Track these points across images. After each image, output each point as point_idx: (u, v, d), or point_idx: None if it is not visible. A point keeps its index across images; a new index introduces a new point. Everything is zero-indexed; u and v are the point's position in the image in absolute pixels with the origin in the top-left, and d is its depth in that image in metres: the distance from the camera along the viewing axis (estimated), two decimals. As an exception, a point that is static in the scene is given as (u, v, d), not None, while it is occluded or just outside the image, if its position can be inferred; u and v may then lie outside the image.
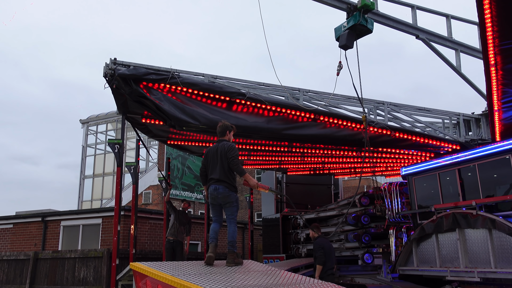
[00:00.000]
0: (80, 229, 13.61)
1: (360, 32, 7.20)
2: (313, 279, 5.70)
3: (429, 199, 7.94)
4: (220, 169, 6.32)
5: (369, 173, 11.03)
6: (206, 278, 5.35)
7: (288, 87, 9.16)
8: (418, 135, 9.76)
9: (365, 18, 7.07)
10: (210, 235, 6.59)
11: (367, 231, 9.56)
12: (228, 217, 6.55)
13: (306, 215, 11.91)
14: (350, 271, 10.49)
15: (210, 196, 6.47)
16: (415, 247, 7.62)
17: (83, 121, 31.62)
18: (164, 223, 11.90)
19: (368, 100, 9.95)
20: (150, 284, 5.93)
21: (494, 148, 6.80)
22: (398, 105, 10.41)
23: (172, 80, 7.88)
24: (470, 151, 7.28)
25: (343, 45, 7.22)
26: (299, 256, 11.86)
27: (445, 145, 9.98)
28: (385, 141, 9.55)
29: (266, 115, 8.70)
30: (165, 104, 7.87)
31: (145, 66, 8.07)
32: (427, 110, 10.77)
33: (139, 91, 7.84)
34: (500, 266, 6.13)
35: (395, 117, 10.27)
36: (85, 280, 11.04)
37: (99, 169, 30.55)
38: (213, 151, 6.47)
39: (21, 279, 12.23)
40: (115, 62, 7.92)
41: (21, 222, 14.87)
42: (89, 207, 28.68)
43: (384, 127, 9.32)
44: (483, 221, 6.36)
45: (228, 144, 6.45)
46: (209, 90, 8.18)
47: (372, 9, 7.16)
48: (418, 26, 8.49)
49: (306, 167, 13.14)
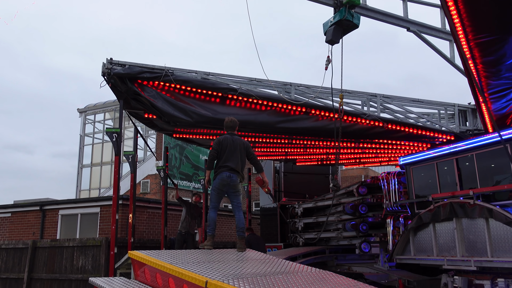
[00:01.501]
0: (78, 218, 13.63)
1: (347, 27, 7.24)
2: (311, 268, 5.73)
3: (427, 189, 7.97)
4: (237, 160, 6.75)
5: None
6: (204, 266, 5.37)
7: (280, 82, 9.37)
8: (411, 126, 9.91)
9: (351, 13, 7.10)
10: (210, 226, 6.92)
11: (365, 220, 9.60)
12: (237, 205, 6.95)
13: (304, 204, 11.95)
14: (347, 260, 10.57)
15: (221, 182, 6.74)
16: (412, 236, 7.66)
17: (80, 110, 31.50)
18: (162, 212, 11.94)
19: (360, 93, 10.08)
20: (148, 273, 5.96)
21: (492, 138, 6.81)
22: (391, 97, 10.44)
23: (166, 77, 8.25)
24: (468, 141, 7.28)
25: (329, 40, 7.32)
26: (297, 245, 11.92)
27: (439, 135, 10.05)
28: (378, 133, 9.73)
29: (258, 109, 8.97)
30: (158, 101, 8.26)
31: (140, 65, 8.38)
32: (421, 101, 10.78)
33: (133, 89, 8.21)
34: (497, 255, 6.17)
35: (387, 109, 10.31)
36: (84, 268, 11.09)
37: (97, 158, 30.51)
38: (229, 141, 6.82)
39: (19, 268, 12.27)
40: (111, 61, 8.21)
41: (19, 211, 14.88)
42: (87, 196, 28.71)
43: (376, 119, 9.47)
44: (480, 210, 6.39)
45: (246, 141, 7.06)
46: (201, 87, 8.56)
47: (357, 4, 7.19)
48: (409, 19, 8.46)
49: (313, 158, 13.24)
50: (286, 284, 4.67)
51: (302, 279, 5.02)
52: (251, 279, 4.76)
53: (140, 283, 6.08)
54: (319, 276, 5.19)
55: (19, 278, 12.11)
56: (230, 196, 6.93)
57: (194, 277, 4.81)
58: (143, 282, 6.07)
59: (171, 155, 25.50)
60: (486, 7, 5.64)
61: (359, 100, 10.13)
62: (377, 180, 9.41)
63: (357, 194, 9.79)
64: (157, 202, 13.76)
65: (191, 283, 4.87)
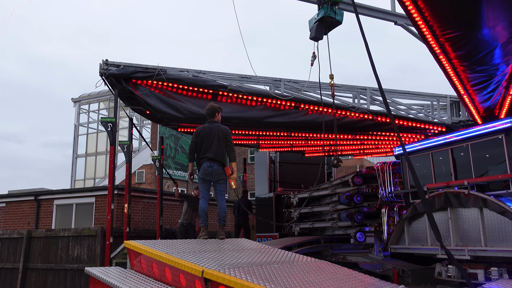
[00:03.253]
0: (74, 208, 13.62)
1: (330, 24, 7.27)
2: (307, 257, 5.76)
3: (422, 179, 7.98)
4: (216, 149, 6.85)
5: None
6: (200, 256, 5.38)
7: (270, 78, 9.68)
8: (401, 118, 10.04)
9: (334, 10, 7.10)
10: (202, 217, 7.05)
11: (360, 210, 9.64)
12: (220, 193, 7.08)
13: (300, 194, 11.98)
14: (342, 250, 10.63)
15: (203, 172, 6.88)
16: (407, 226, 7.70)
17: (75, 99, 31.30)
18: (158, 202, 11.96)
19: (350, 87, 10.25)
20: (144, 262, 5.96)
21: (487, 128, 6.82)
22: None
23: (158, 76, 8.62)
24: (463, 131, 7.30)
25: (313, 37, 7.37)
26: (292, 234, 11.97)
27: (431, 127, 10.14)
28: (368, 125, 9.92)
29: (248, 105, 9.28)
30: (151, 99, 8.70)
31: (134, 65, 8.80)
32: (412, 93, 10.82)
33: (128, 88, 8.70)
34: (490, 244, 6.21)
35: (376, 101, 10.42)
36: (79, 258, 11.10)
37: (92, 148, 30.41)
38: (207, 130, 6.94)
39: (14, 258, 12.26)
40: (107, 63, 8.69)
41: (14, 201, 14.84)
42: (82, 186, 28.64)
43: (365, 111, 9.67)
44: (474, 200, 6.42)
45: (224, 127, 7.04)
46: (193, 84, 8.87)
47: (339, 1, 7.18)
48: (396, 12, 8.43)
49: (319, 149, 13.41)
50: (282, 273, 4.68)
51: (298, 268, 5.04)
52: (247, 268, 4.77)
53: (136, 273, 6.09)
54: (314, 265, 5.21)
55: (15, 268, 12.11)
56: (213, 184, 7.05)
57: (190, 266, 4.82)
58: (139, 272, 6.08)
59: (166, 145, 25.45)
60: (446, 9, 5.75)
61: (350, 93, 10.29)
62: (372, 170, 9.45)
63: (352, 184, 9.82)
64: (152, 192, 13.77)
65: (187, 273, 4.88)
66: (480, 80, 7.29)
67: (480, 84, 7.44)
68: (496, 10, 5.47)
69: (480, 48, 6.32)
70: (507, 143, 6.49)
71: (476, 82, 7.37)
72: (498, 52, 6.35)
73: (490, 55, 6.44)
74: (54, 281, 11.37)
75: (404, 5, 5.67)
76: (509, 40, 6.05)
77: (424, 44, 6.50)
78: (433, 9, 5.70)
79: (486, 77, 7.19)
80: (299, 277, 4.63)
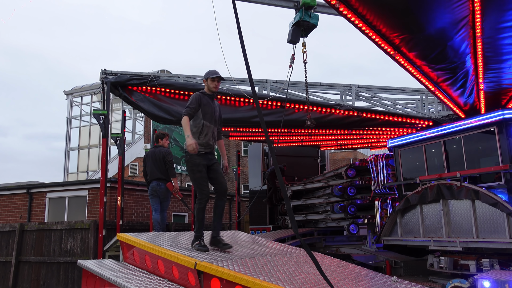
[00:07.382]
0: (66, 201, 13.54)
1: (307, 27, 7.32)
2: (300, 249, 5.78)
3: (415, 171, 8.02)
4: (161, 170, 8.61)
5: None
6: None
7: (257, 79, 10.08)
8: (386, 114, 10.18)
9: (308, 14, 7.14)
10: (155, 226, 8.65)
11: (353, 203, 9.67)
12: (164, 208, 8.85)
13: (293, 186, 12.00)
14: (335, 242, 10.68)
15: (152, 189, 8.60)
16: (399, 218, 7.74)
17: (67, 92, 31.06)
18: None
19: (337, 86, 10.40)
20: (137, 255, 5.95)
21: (480, 120, 6.85)
22: (366, 86, 10.59)
23: (151, 83, 9.35)
24: (456, 123, 7.32)
25: (290, 40, 7.42)
26: (286, 227, 12.01)
27: (417, 121, 10.23)
28: (354, 122, 10.13)
29: (236, 106, 9.84)
30: (145, 104, 9.51)
31: (129, 73, 9.60)
32: (398, 89, 10.87)
33: (123, 94, 9.55)
34: (482, 235, 6.26)
35: (361, 97, 10.52)
36: (72, 251, 11.05)
37: (85, 141, 30.24)
38: (152, 155, 8.73)
39: (7, 251, 12.19)
40: (105, 72, 9.54)
41: (6, 194, 14.73)
42: (75, 179, 28.51)
43: (350, 108, 9.89)
44: (466, 192, 6.45)
45: (165, 150, 8.78)
46: (183, 89, 9.53)
47: (313, 6, 7.20)
48: None
49: (333, 143, 13.88)
50: (275, 265, 4.69)
51: (291, 260, 5.05)
52: (240, 260, 4.78)
53: (129, 265, 6.08)
54: (307, 257, 5.23)
55: (7, 261, 12.04)
56: (161, 200, 8.74)
57: (183, 258, 4.81)
58: (132, 264, 6.07)
59: (159, 138, 25.34)
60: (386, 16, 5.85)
61: (338, 91, 10.43)
62: (366, 162, 9.46)
63: (345, 177, 9.85)
64: (145, 185, 13.69)
65: (180, 265, 4.87)
66: (447, 76, 7.42)
67: (448, 80, 7.56)
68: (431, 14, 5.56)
69: (431, 47, 6.45)
70: (499, 135, 6.52)
71: (444, 78, 7.49)
72: (450, 51, 6.49)
73: (443, 54, 6.56)
74: (47, 274, 11.33)
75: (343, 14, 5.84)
76: (456, 40, 6.13)
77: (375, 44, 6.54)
78: (375, 14, 5.84)
79: (450, 74, 7.34)
80: (292, 268, 4.64)
